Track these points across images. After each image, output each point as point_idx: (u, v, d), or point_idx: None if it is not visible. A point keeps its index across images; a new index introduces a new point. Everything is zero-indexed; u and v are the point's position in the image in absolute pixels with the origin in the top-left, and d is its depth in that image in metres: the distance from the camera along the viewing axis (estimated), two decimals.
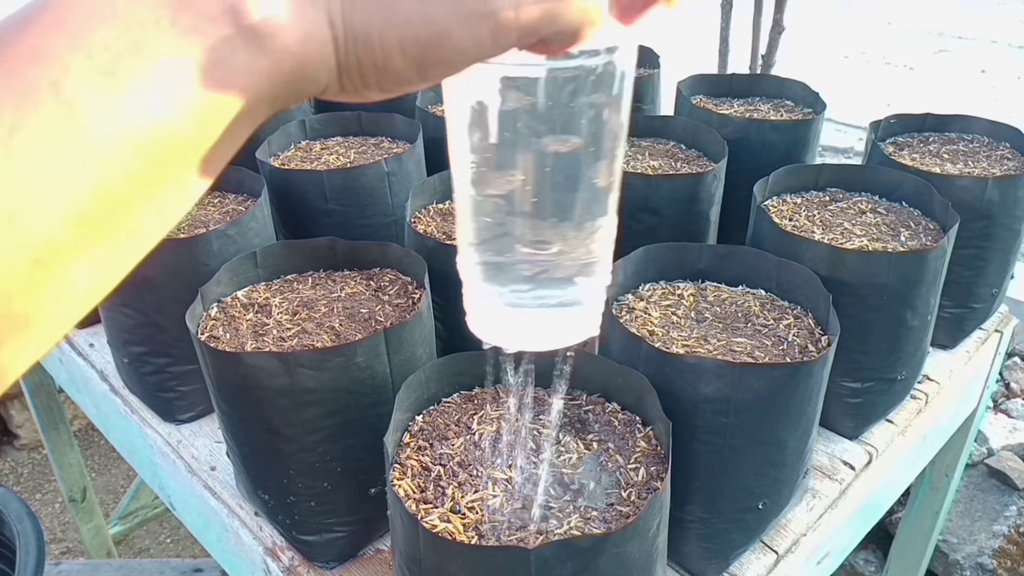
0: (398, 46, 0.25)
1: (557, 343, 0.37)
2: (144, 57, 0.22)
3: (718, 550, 0.69)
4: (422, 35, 0.25)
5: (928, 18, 5.11)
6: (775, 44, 1.77)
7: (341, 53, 0.25)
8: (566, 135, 0.31)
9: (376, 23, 0.25)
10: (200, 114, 0.23)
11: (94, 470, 2.22)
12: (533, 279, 0.35)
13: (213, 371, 0.64)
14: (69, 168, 0.21)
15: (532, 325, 0.36)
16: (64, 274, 0.22)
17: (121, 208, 0.23)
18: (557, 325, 0.37)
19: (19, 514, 0.99)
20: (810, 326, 0.72)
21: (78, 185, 0.21)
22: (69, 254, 0.22)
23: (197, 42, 0.23)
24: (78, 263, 0.22)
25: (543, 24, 0.25)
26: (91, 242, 0.22)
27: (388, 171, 0.91)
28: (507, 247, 0.34)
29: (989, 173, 0.96)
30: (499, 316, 0.36)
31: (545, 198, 0.32)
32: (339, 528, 0.68)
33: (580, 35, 0.27)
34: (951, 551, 1.51)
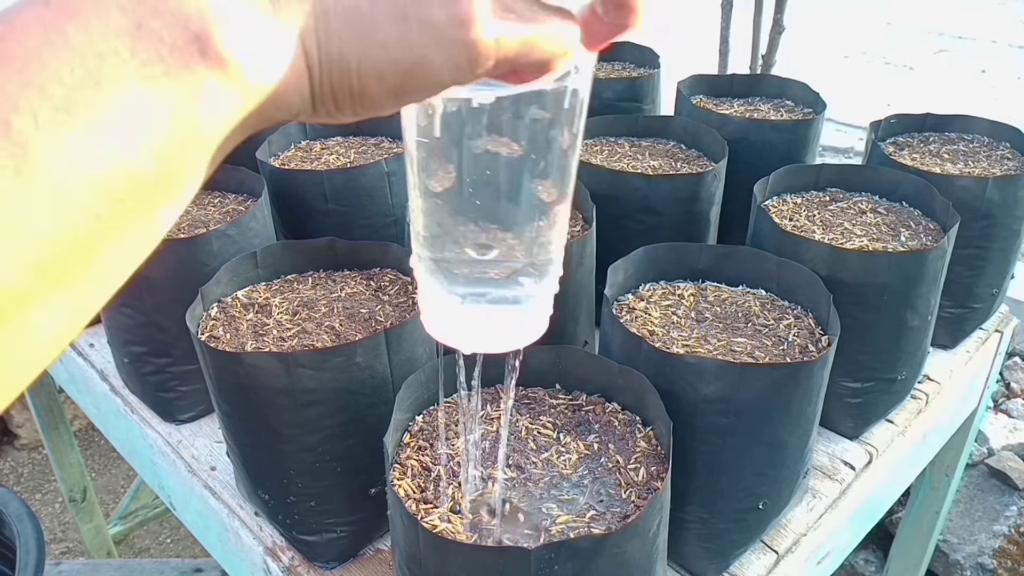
0: (376, 73, 0.24)
1: (506, 345, 0.38)
2: (102, 92, 0.21)
3: (718, 550, 0.69)
4: (401, 62, 0.24)
5: (928, 18, 5.11)
6: (775, 44, 1.77)
7: (315, 81, 0.24)
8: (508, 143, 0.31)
9: (353, 50, 0.24)
10: (164, 151, 0.22)
11: (94, 470, 2.22)
12: (479, 281, 0.35)
13: (213, 371, 0.64)
14: (25, 213, 0.20)
15: (481, 326, 0.37)
16: (25, 323, 0.21)
17: (84, 252, 0.21)
18: (505, 327, 0.37)
19: (19, 514, 0.99)
20: (810, 326, 0.72)
21: (35, 231, 0.20)
22: (29, 303, 0.21)
23: (159, 74, 0.21)
24: (40, 311, 0.21)
25: (520, 54, 0.26)
26: (53, 289, 0.21)
27: (388, 171, 0.91)
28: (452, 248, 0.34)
29: (989, 173, 0.96)
30: (450, 317, 0.37)
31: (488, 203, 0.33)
32: (339, 528, 0.68)
33: (552, 66, 0.27)
34: (951, 551, 1.51)
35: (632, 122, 1.08)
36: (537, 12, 0.26)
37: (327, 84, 0.24)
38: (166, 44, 0.21)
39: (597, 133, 1.08)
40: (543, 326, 0.38)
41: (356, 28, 0.24)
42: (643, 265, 0.77)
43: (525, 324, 0.38)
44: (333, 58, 0.24)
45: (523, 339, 0.38)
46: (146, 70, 0.21)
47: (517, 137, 0.31)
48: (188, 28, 0.21)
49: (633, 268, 0.76)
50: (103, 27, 0.21)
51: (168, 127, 0.22)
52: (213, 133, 0.23)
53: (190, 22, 0.21)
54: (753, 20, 1.80)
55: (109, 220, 0.21)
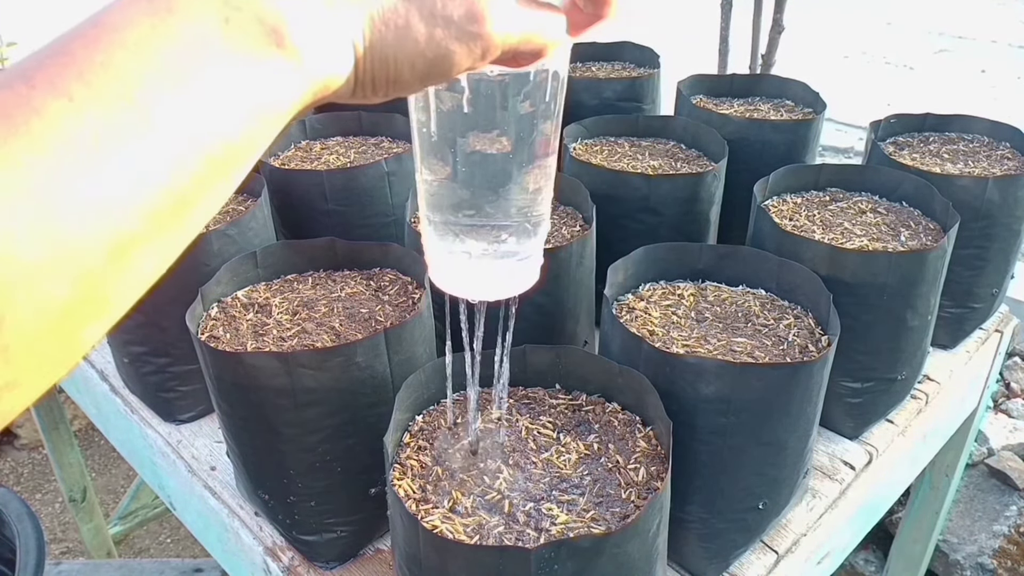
0: (409, 63, 0.30)
1: (507, 292, 0.44)
2: (203, 73, 0.25)
3: (718, 550, 0.69)
4: (428, 54, 0.30)
5: (928, 18, 5.11)
6: (775, 44, 1.77)
7: (360, 69, 0.30)
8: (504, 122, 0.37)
9: (392, 45, 0.30)
10: (248, 124, 0.27)
11: (94, 470, 2.22)
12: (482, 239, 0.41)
13: (213, 371, 0.64)
14: (147, 169, 0.24)
15: (485, 277, 0.43)
16: (136, 261, 0.25)
17: (184, 204, 0.26)
18: (505, 277, 0.43)
19: (19, 514, 0.99)
20: (810, 326, 0.72)
21: (153, 184, 0.24)
22: (142, 244, 0.25)
23: (245, 60, 0.26)
24: (146, 251, 0.25)
25: (521, 43, 0.32)
26: (158, 233, 0.25)
27: (388, 171, 0.91)
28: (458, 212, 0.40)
29: (989, 173, 0.96)
30: (458, 271, 0.43)
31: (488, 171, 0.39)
32: (339, 528, 0.68)
33: (544, 53, 0.33)
34: (951, 551, 1.51)
35: (632, 122, 1.08)
36: (533, 7, 0.32)
37: (369, 72, 0.30)
38: (250, 36, 0.26)
39: (597, 133, 1.08)
40: (536, 274, 0.45)
41: (394, 27, 0.29)
42: (643, 265, 0.77)
43: (522, 273, 0.44)
44: (376, 51, 0.29)
45: (520, 286, 0.44)
46: (235, 56, 0.26)
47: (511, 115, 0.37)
48: (266, 23, 0.26)
49: (633, 268, 0.76)
50: (199, 21, 0.25)
51: (252, 104, 0.26)
52: (282, 109, 0.28)
53: (268, 19, 0.26)
54: (753, 20, 1.80)
55: (205, 178, 0.26)
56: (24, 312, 0.22)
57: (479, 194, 0.39)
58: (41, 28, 3.69)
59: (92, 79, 0.23)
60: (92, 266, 0.24)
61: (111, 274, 0.24)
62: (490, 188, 0.39)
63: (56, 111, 0.23)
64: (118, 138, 0.23)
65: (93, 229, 0.23)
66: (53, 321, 0.23)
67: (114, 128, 0.23)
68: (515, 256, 0.42)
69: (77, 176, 0.23)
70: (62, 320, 0.23)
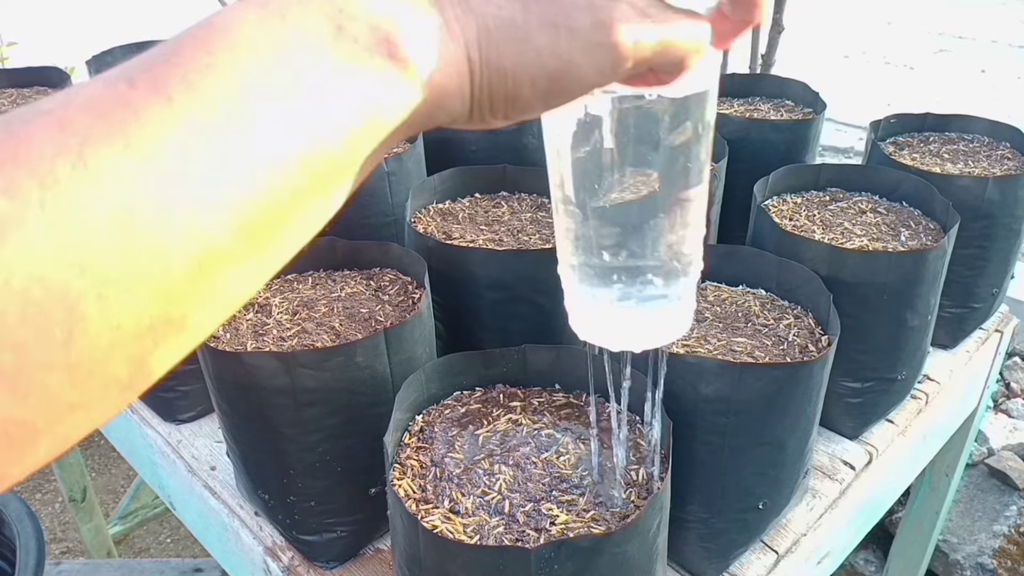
0: (528, 79, 0.27)
1: (656, 342, 0.39)
2: (310, 80, 0.24)
3: (718, 550, 0.69)
4: (551, 67, 0.27)
5: (928, 18, 5.11)
6: (775, 44, 1.77)
7: (476, 86, 0.27)
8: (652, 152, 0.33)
9: (509, 57, 0.27)
10: (354, 139, 0.25)
11: (94, 470, 2.22)
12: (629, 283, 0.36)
13: (213, 371, 0.64)
14: (242, 179, 0.22)
15: (629, 324, 0.38)
16: (221, 280, 0.23)
17: (279, 221, 0.24)
18: (653, 323, 0.38)
19: (19, 514, 0.99)
20: (810, 326, 0.72)
21: (247, 196, 0.23)
22: (229, 261, 0.23)
23: (355, 69, 0.24)
24: (234, 271, 0.23)
25: (656, 54, 0.28)
26: (248, 251, 0.23)
27: (388, 171, 0.91)
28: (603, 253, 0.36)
29: (989, 173, 0.96)
30: (602, 318, 0.38)
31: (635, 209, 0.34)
32: (339, 528, 0.68)
33: (686, 64, 0.29)
34: (951, 551, 1.51)
35: None
36: (669, 15, 0.28)
37: (486, 88, 0.27)
38: (360, 44, 0.25)
39: None
40: (689, 321, 0.40)
41: (512, 37, 0.27)
42: None
43: (671, 320, 0.39)
44: (492, 64, 0.27)
45: (671, 335, 0.39)
46: (344, 65, 0.24)
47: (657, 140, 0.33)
48: (379, 32, 0.25)
49: None
50: (310, 27, 0.24)
51: (359, 116, 0.25)
52: (392, 124, 0.26)
53: (380, 27, 0.25)
54: None
55: (303, 193, 0.24)
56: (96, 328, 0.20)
57: (624, 233, 0.35)
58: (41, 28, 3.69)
59: (195, 80, 0.22)
60: (174, 282, 0.22)
61: (194, 293, 0.23)
62: (635, 226, 0.35)
63: (153, 113, 0.21)
64: (215, 144, 0.22)
65: (178, 241, 0.21)
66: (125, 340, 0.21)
67: (212, 133, 0.22)
68: (664, 300, 0.37)
69: (165, 182, 0.21)
70: (136, 340, 0.22)
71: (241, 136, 0.22)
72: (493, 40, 0.26)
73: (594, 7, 0.27)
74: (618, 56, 0.27)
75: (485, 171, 0.93)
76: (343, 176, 0.25)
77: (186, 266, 0.22)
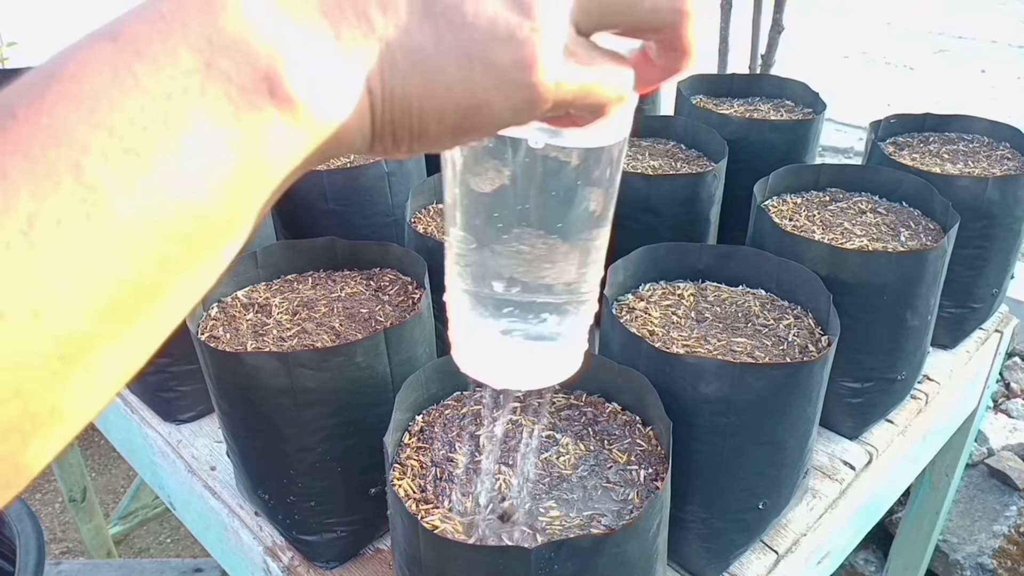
0: (436, 114, 0.24)
1: (540, 382, 0.38)
2: (171, 132, 0.20)
3: (718, 550, 0.69)
4: (462, 104, 0.24)
5: (928, 18, 5.11)
6: (775, 44, 1.77)
7: (377, 120, 0.24)
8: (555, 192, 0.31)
9: (416, 91, 0.24)
10: (232, 192, 0.22)
11: (94, 470, 2.22)
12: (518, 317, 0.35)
13: (213, 371, 0.64)
14: (95, 257, 0.20)
15: (516, 362, 0.36)
16: (91, 366, 0.21)
17: (151, 293, 0.21)
18: (540, 363, 0.37)
19: (19, 514, 0.99)
20: (810, 326, 0.72)
21: (105, 275, 0.20)
22: (97, 346, 0.21)
23: (229, 114, 0.21)
24: (109, 352, 0.21)
25: (578, 98, 0.26)
26: (119, 331, 0.21)
27: (388, 171, 0.91)
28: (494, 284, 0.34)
29: (989, 173, 0.96)
30: (486, 352, 0.36)
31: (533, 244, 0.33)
32: (339, 528, 0.68)
33: (606, 111, 0.27)
34: (951, 551, 1.51)
35: (632, 122, 1.08)
36: (595, 57, 0.26)
37: (388, 124, 0.24)
38: (235, 84, 0.21)
39: None
40: (577, 363, 0.38)
41: (421, 68, 0.23)
42: (643, 265, 0.77)
43: (560, 360, 0.37)
44: (396, 98, 0.24)
45: (557, 376, 0.38)
46: (215, 110, 0.21)
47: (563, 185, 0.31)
48: (258, 68, 0.21)
49: (633, 268, 0.76)
50: (172, 66, 0.21)
51: (236, 168, 0.22)
52: (278, 172, 0.23)
53: (259, 62, 0.21)
54: (752, 20, 1.80)
55: (177, 261, 0.21)
56: None
57: (520, 264, 0.33)
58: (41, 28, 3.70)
59: (32, 148, 0.19)
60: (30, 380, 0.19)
61: (59, 386, 0.20)
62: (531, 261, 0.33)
63: None
64: (59, 225, 0.19)
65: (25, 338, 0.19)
66: None
67: (54, 212, 0.19)
68: (554, 339, 0.36)
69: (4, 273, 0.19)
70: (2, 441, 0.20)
71: (89, 215, 0.19)
72: (399, 70, 0.23)
73: (514, 41, 0.23)
74: (536, 97, 0.24)
75: None
76: (227, 235, 0.23)
77: (44, 362, 0.19)
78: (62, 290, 0.19)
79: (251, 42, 0.21)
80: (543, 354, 0.36)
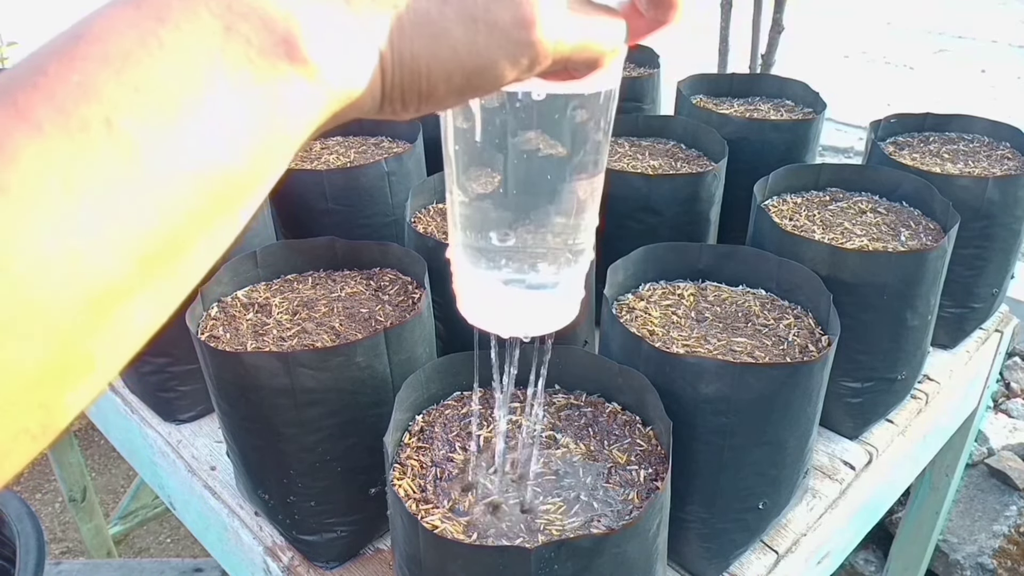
0: (444, 75, 0.26)
1: (542, 328, 0.40)
2: (196, 92, 0.21)
3: (718, 550, 0.69)
4: (468, 64, 0.26)
5: (928, 18, 5.11)
6: (775, 44, 1.77)
7: (387, 82, 0.25)
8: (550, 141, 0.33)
9: (424, 53, 0.25)
10: (254, 150, 0.23)
11: (94, 470, 2.22)
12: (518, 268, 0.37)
13: (213, 371, 0.64)
14: (129, 206, 0.21)
15: (519, 310, 0.38)
16: (125, 314, 0.22)
17: (180, 245, 0.22)
18: (541, 311, 0.39)
19: (19, 514, 0.99)
20: (810, 326, 0.72)
21: (138, 224, 0.21)
22: (130, 294, 0.21)
23: (249, 76, 0.22)
24: (138, 301, 0.22)
25: (575, 53, 0.27)
26: (151, 280, 0.22)
27: (388, 171, 0.91)
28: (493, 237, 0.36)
29: (989, 173, 0.96)
30: (490, 302, 0.38)
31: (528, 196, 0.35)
32: (339, 528, 0.68)
33: (601, 63, 0.29)
34: (951, 551, 1.51)
35: (632, 122, 1.08)
36: (590, 10, 0.28)
37: (398, 86, 0.26)
38: (254, 47, 0.22)
39: None
40: (576, 309, 0.40)
41: (427, 32, 0.25)
42: (643, 265, 0.77)
43: (560, 308, 0.39)
44: (405, 61, 0.25)
45: (558, 322, 0.40)
46: (236, 72, 0.22)
47: (558, 134, 0.33)
48: (275, 32, 0.22)
49: (633, 268, 0.76)
50: (194, 30, 0.22)
51: (257, 127, 0.23)
52: (297, 133, 0.24)
53: (277, 26, 0.22)
54: (752, 20, 1.80)
55: (203, 216, 0.22)
56: None
57: (517, 216, 0.35)
58: (41, 28, 3.69)
59: (65, 103, 0.20)
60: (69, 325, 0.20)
61: (93, 332, 0.21)
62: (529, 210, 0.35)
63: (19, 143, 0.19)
64: (94, 175, 0.20)
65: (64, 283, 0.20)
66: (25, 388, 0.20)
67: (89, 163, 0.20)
68: (552, 287, 0.38)
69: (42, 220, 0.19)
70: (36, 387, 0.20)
71: (123, 166, 0.20)
72: (406, 35, 0.25)
73: (515, 1, 0.25)
74: (537, 54, 0.26)
75: None
76: (248, 192, 0.23)
77: (79, 308, 0.20)
78: (99, 236, 0.20)
79: (268, 8, 0.22)
80: (542, 302, 0.38)
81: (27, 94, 0.20)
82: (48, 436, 0.21)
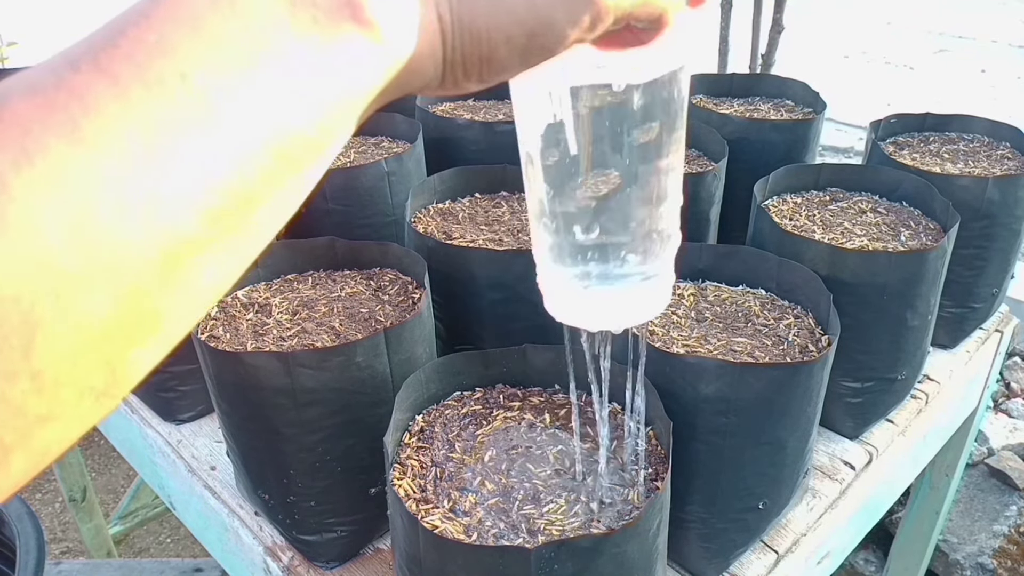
0: (504, 37, 0.26)
1: (634, 319, 0.38)
2: (267, 54, 0.22)
3: (718, 550, 0.69)
4: (528, 25, 0.25)
5: (928, 18, 5.11)
6: (775, 44, 1.77)
7: (448, 47, 0.25)
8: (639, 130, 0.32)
9: (482, 15, 0.25)
10: (322, 111, 0.23)
11: (94, 470, 2.22)
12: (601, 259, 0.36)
13: (213, 371, 0.64)
14: (205, 159, 0.21)
15: (605, 303, 0.37)
16: (195, 270, 0.22)
17: (251, 203, 0.22)
18: (630, 301, 0.38)
19: (19, 514, 0.99)
20: (810, 326, 0.72)
21: (214, 177, 0.21)
22: (201, 250, 0.22)
23: (317, 38, 0.22)
24: (208, 259, 0.22)
25: (636, 7, 0.27)
26: (221, 240, 0.22)
27: (388, 171, 0.91)
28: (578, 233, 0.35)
29: (989, 173, 0.96)
30: (578, 298, 0.37)
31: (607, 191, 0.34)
32: (339, 528, 0.68)
33: (665, 20, 0.28)
34: (951, 551, 1.51)
35: None
36: None
37: (459, 50, 0.26)
38: (320, 8, 0.22)
39: None
40: (667, 297, 0.39)
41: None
42: None
43: (650, 297, 0.38)
44: (464, 24, 0.25)
45: (648, 313, 0.39)
46: (304, 34, 0.22)
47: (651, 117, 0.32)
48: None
49: None
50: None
51: (325, 87, 0.23)
52: (363, 95, 0.24)
53: None
54: (753, 20, 1.80)
55: (274, 174, 0.23)
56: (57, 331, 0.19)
57: (597, 210, 0.34)
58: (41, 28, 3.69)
59: (143, 60, 0.20)
60: (140, 277, 0.20)
61: (164, 287, 0.21)
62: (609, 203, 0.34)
63: (99, 95, 0.20)
64: (173, 128, 0.20)
65: (141, 233, 0.20)
66: (92, 343, 0.20)
67: (168, 116, 0.20)
68: (640, 277, 0.37)
69: (122, 170, 0.20)
70: (103, 341, 0.20)
71: (201, 120, 0.21)
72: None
73: None
74: (598, 11, 0.26)
75: (485, 171, 0.93)
76: (316, 153, 0.24)
77: (152, 259, 0.20)
78: (177, 191, 0.20)
79: None
80: (631, 294, 0.37)
81: (108, 53, 0.20)
82: (111, 399, 0.21)
